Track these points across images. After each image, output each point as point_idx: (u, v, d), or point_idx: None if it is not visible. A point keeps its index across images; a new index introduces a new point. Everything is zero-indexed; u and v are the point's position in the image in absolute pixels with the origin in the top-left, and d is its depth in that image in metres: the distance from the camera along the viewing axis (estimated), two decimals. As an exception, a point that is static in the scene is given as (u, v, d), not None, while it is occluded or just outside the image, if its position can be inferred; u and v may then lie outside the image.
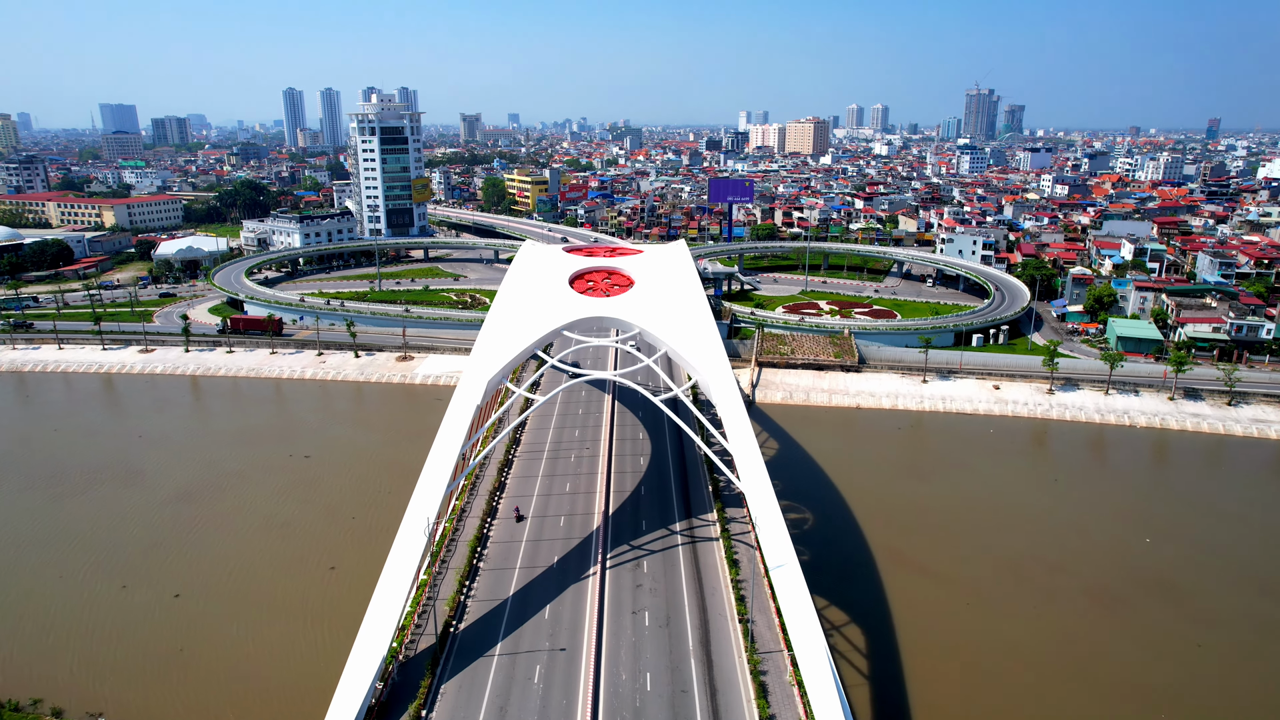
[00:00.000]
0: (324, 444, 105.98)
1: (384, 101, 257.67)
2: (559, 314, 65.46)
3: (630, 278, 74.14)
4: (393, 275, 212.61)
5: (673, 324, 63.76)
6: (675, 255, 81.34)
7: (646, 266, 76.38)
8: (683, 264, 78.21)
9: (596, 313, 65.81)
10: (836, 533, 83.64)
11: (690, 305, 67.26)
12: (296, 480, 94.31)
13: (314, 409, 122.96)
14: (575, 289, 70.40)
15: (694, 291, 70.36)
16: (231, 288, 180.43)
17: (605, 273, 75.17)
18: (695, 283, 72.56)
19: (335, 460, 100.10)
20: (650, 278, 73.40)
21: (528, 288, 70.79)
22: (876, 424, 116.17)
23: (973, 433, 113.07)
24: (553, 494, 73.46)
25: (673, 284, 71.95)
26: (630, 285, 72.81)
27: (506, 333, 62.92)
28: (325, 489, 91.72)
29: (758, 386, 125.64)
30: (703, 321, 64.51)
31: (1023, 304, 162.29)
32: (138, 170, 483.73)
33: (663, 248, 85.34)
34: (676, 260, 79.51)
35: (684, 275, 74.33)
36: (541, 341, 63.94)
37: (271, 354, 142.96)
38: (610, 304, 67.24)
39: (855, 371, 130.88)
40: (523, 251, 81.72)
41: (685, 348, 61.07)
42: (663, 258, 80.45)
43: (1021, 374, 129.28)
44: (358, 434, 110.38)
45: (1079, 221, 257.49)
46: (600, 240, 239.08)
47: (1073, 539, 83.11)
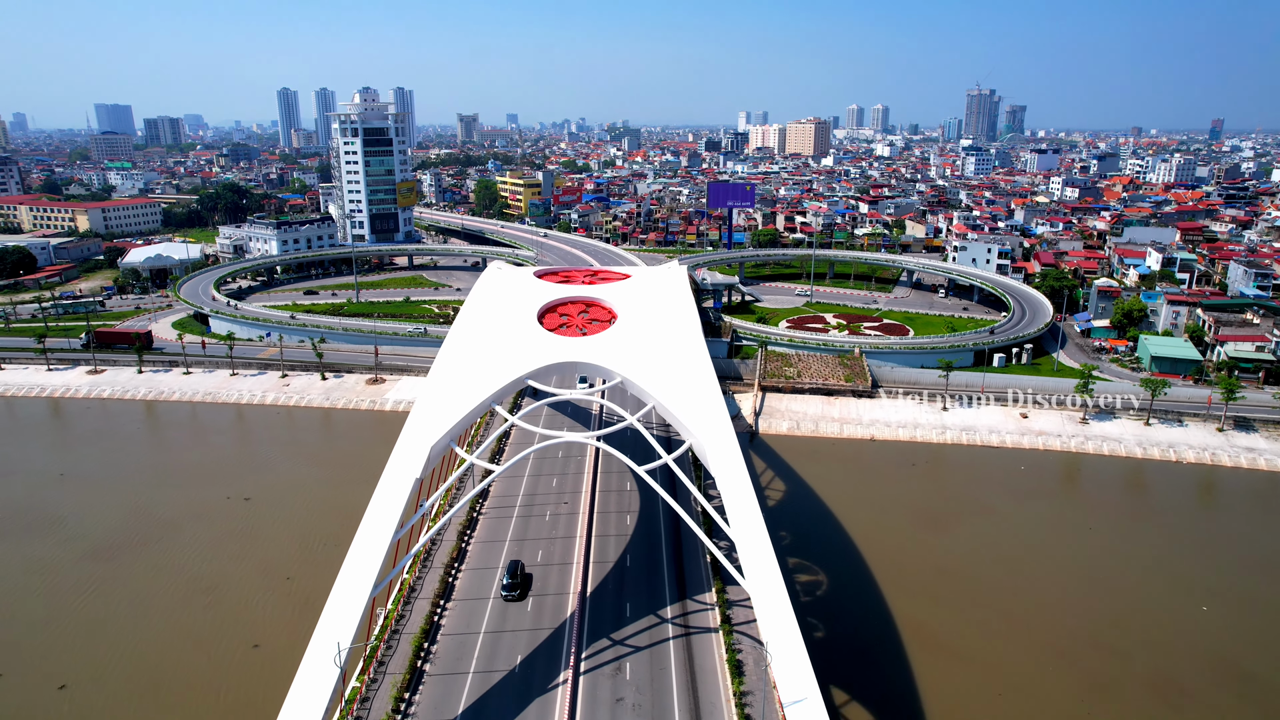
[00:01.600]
0: (270, 483, 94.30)
1: (367, 101, 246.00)
2: (523, 359, 53.73)
3: (612, 310, 62.44)
4: (373, 285, 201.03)
5: (662, 372, 52.13)
6: (668, 281, 68.98)
7: (633, 295, 64.46)
8: (677, 292, 66.26)
9: (568, 356, 54.18)
10: (851, 599, 72.44)
11: (685, 347, 55.44)
12: (232, 529, 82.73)
13: (268, 440, 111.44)
14: (545, 325, 58.71)
15: (689, 329, 58.47)
16: (198, 299, 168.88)
17: (582, 304, 63.48)
18: (691, 317, 60.63)
19: (280, 503, 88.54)
20: (637, 310, 61.73)
21: (487, 325, 58.74)
22: (892, 458, 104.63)
23: (998, 469, 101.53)
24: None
25: (664, 318, 60.08)
26: (611, 320, 61.01)
27: (457, 384, 51.28)
28: (263, 540, 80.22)
29: (761, 415, 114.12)
30: (699, 369, 52.84)
31: (1045, 319, 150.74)
32: (123, 172, 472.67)
33: (653, 272, 73.48)
34: (669, 287, 67.35)
35: (678, 307, 62.43)
36: (502, 394, 52.39)
37: (231, 376, 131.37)
38: (586, 345, 55.50)
39: (869, 397, 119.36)
40: (485, 278, 69.44)
41: (677, 404, 49.58)
42: (653, 284, 68.27)
43: (1051, 399, 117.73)
44: (310, 471, 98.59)
45: (1094, 227, 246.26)
46: (590, 245, 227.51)
47: (1117, 606, 71.75)
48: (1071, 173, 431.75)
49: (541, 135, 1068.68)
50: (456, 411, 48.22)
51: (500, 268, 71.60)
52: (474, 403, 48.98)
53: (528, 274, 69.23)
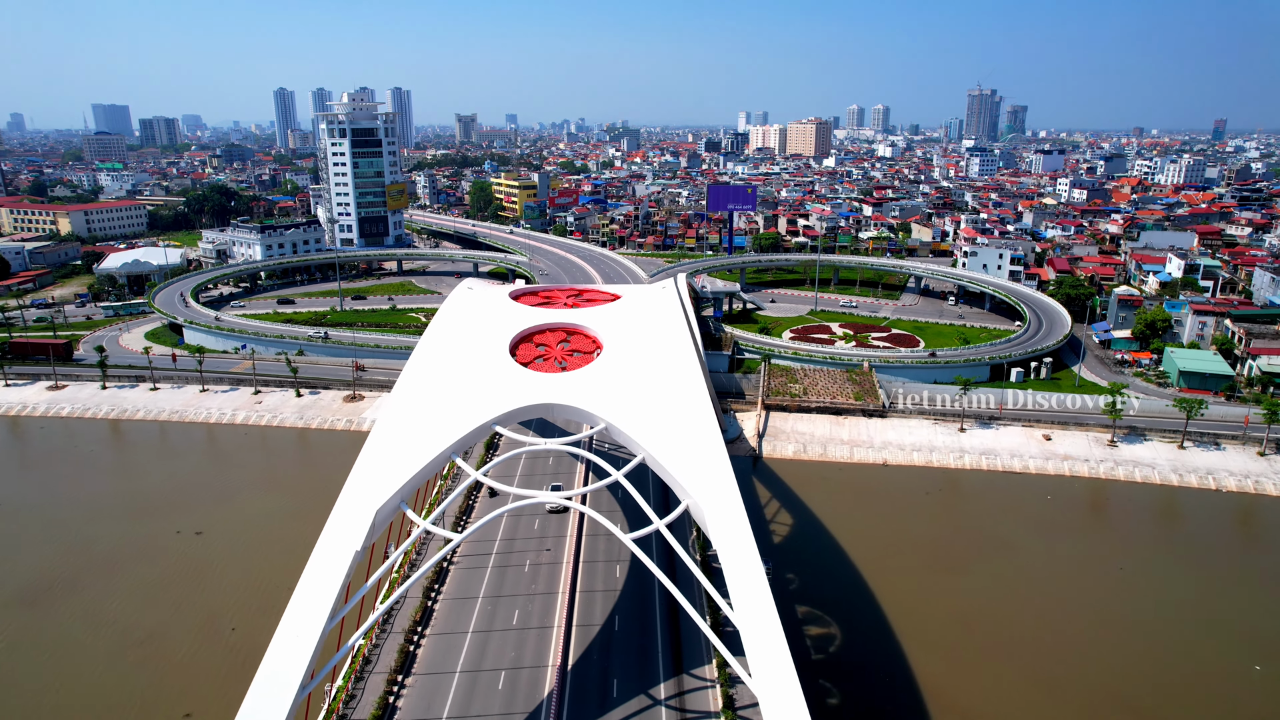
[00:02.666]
0: (228, 514, 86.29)
1: (357, 101, 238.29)
2: (491, 400, 45.29)
3: (597, 339, 54.42)
4: (360, 292, 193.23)
5: (654, 416, 43.92)
6: (661, 303, 59.70)
7: (621, 321, 55.74)
8: (670, 317, 57.54)
9: (544, 397, 46.20)
10: (865, 654, 64.95)
11: (680, 386, 46.92)
12: (178, 570, 74.84)
13: (233, 464, 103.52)
14: (519, 358, 50.61)
15: (686, 363, 50.08)
16: (173, 308, 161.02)
17: (562, 332, 55.34)
18: (688, 349, 52.18)
19: (235, 539, 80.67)
20: (626, 339, 53.69)
21: (449, 358, 50.40)
22: (907, 485, 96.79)
23: (1021, 498, 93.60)
24: (494, 629, 54.02)
25: (657, 349, 51.52)
26: (596, 351, 52.45)
27: (410, 433, 43.29)
28: (210, 583, 72.36)
29: (765, 436, 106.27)
30: (698, 414, 44.68)
31: (1064, 330, 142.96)
32: (114, 173, 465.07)
33: (645, 292, 65.10)
34: (662, 311, 58.36)
35: (672, 336, 53.57)
36: (464, 444, 44.48)
37: (201, 392, 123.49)
38: (565, 384, 47.11)
39: (880, 417, 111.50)
40: (452, 300, 60.58)
41: (671, 457, 41.55)
42: (644, 307, 59.04)
43: (1075, 419, 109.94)
44: (274, 500, 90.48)
45: (1106, 230, 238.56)
46: (585, 250, 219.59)
47: (1157, 663, 64.07)
48: (1078, 174, 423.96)
49: (540, 136, 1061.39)
50: (408, 468, 40.34)
51: (471, 287, 63.30)
52: (429, 456, 41.11)
53: (502, 295, 60.90)
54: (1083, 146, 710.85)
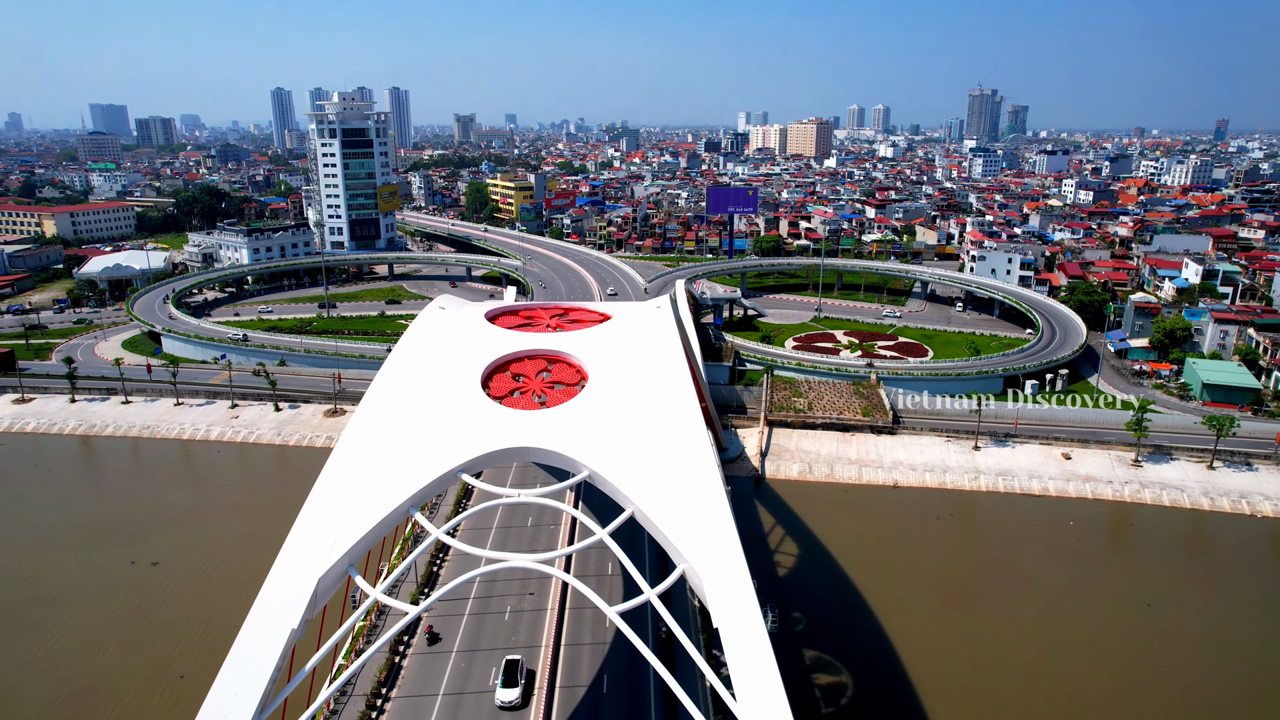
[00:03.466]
0: (188, 541, 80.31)
1: (346, 100, 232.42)
2: (457, 444, 39.38)
3: (582, 369, 48.35)
4: (348, 297, 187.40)
5: (645, 463, 37.85)
6: (655, 325, 54.41)
7: (610, 346, 50.38)
8: (665, 340, 50.74)
9: (519, 439, 39.85)
10: (879, 705, 59.16)
11: (676, 425, 40.99)
12: (128, 605, 68.95)
13: (202, 484, 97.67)
14: (492, 392, 44.52)
15: (682, 397, 43.59)
16: (153, 315, 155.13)
17: (543, 361, 49.22)
18: (684, 378, 45.53)
19: (193, 570, 74.77)
20: (614, 368, 47.40)
21: (413, 392, 43.77)
22: (919, 509, 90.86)
23: (1040, 523, 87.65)
24: (467, 692, 48.09)
25: (650, 380, 45.42)
26: (581, 383, 46.78)
27: (362, 483, 37.26)
28: (161, 622, 66.47)
29: (768, 455, 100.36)
30: (696, 460, 38.50)
31: (1078, 339, 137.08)
32: (106, 173, 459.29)
33: (638, 310, 58.53)
34: (657, 333, 52.93)
35: (667, 364, 47.74)
36: (424, 496, 38.48)
37: (176, 406, 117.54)
38: (544, 423, 40.82)
39: (889, 433, 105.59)
40: (421, 321, 53.85)
41: (665, 513, 35.63)
42: (636, 329, 54.14)
43: (1096, 436, 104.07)
44: (240, 526, 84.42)
45: (1115, 233, 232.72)
46: (581, 254, 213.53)
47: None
48: (1083, 174, 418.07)
49: (540, 136, 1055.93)
50: (356, 527, 34.43)
51: (442, 307, 56.84)
52: (382, 512, 35.16)
53: (477, 316, 54.46)
54: (1084, 147, 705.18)
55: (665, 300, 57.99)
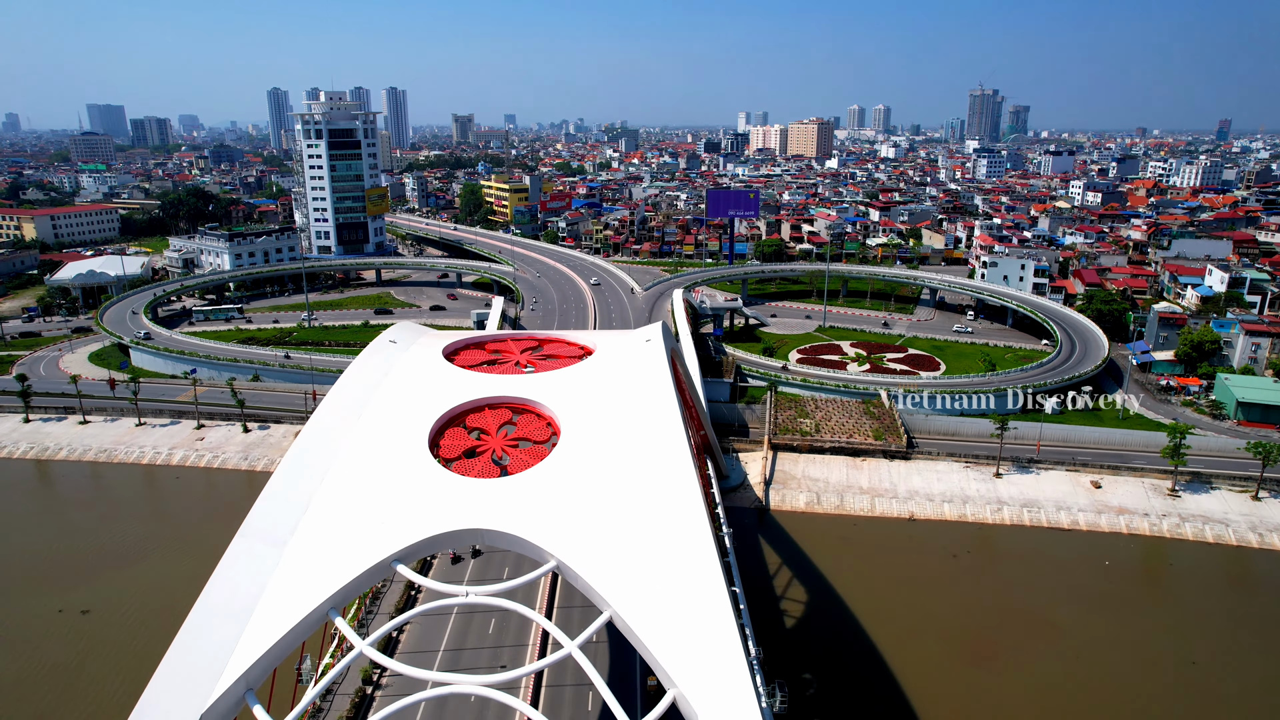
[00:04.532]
0: (127, 584, 72.59)
1: (333, 100, 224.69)
2: (392, 528, 31.68)
3: (553, 421, 39.96)
4: (332, 305, 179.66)
5: (628, 552, 30.35)
6: (645, 363, 45.49)
7: (589, 390, 42.27)
8: (655, 382, 43.05)
9: (470, 520, 31.72)
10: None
11: (668, 500, 33.31)
12: (46, 664, 61.31)
13: (153, 516, 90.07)
14: (442, 452, 36.52)
15: (675, 458, 35.53)
16: (124, 325, 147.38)
17: (507, 410, 41.17)
18: (677, 432, 37.24)
19: (126, 618, 67.10)
20: (594, 420, 39.22)
21: (344, 454, 35.87)
22: (936, 544, 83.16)
23: (1069, 563, 79.95)
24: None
25: (636, 436, 36.74)
26: (551, 440, 38.51)
27: (270, 580, 29.64)
28: (82, 684, 58.89)
29: (772, 483, 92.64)
30: (692, 546, 30.96)
31: (1100, 352, 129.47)
32: (96, 174, 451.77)
33: (626, 343, 49.94)
34: (646, 373, 44.01)
35: (657, 414, 39.53)
36: (347, 596, 30.76)
37: (137, 426, 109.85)
38: (503, 496, 33.01)
39: (903, 459, 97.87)
40: (363, 360, 45.49)
41: (650, 620, 28.06)
42: (622, 367, 45.43)
43: (1126, 461, 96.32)
44: (187, 564, 75.33)
45: (1129, 236, 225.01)
46: (573, 259, 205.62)
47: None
48: (1089, 175, 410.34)
49: (539, 136, 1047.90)
50: (255, 644, 26.85)
51: (394, 340, 48.65)
52: (288, 621, 27.58)
53: (434, 350, 46.44)
54: (1087, 147, 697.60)
55: (656, 330, 49.79)
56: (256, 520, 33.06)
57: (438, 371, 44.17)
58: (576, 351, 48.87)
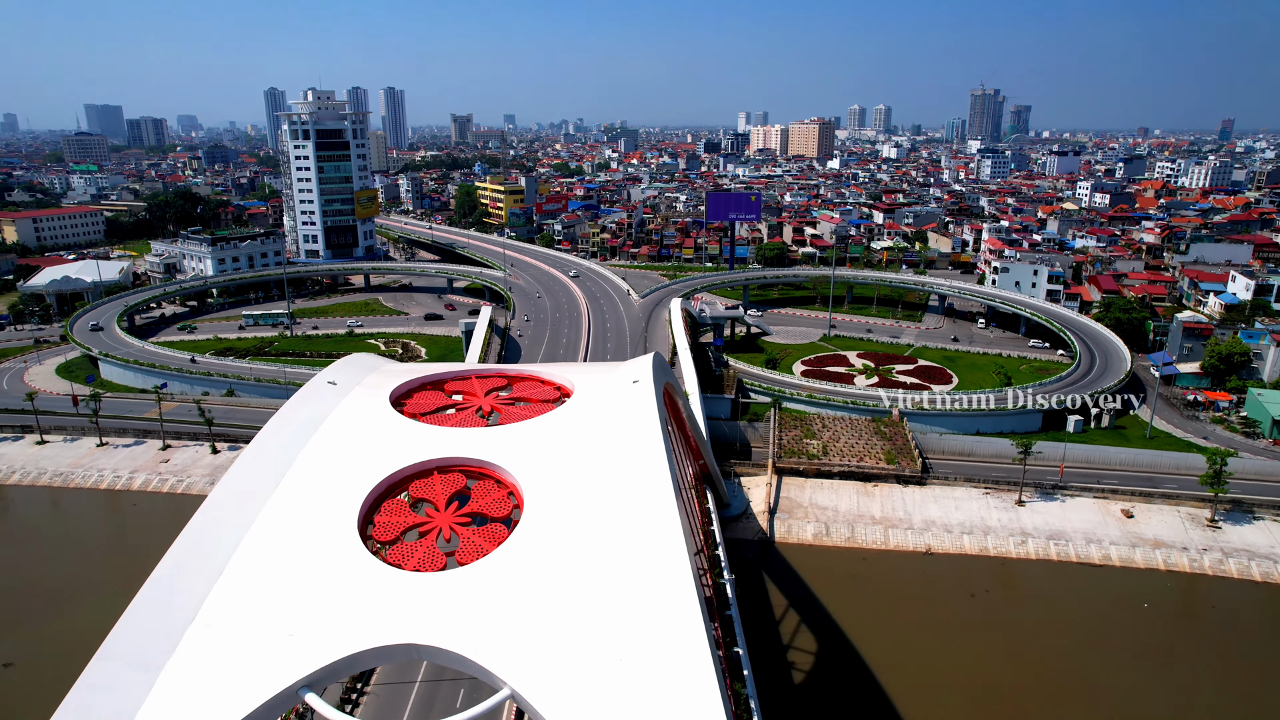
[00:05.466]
0: (60, 631, 65.41)
1: (320, 99, 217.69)
2: (303, 641, 25.14)
3: (516, 489, 32.70)
4: (318, 312, 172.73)
5: (602, 678, 23.69)
6: (630, 410, 37.92)
7: (563, 445, 35.25)
8: (641, 438, 35.44)
9: (403, 634, 24.64)
10: None
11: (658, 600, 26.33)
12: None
13: (106, 549, 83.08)
14: (376, 533, 29.28)
15: (666, 541, 28.87)
16: (95, 335, 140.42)
17: (461, 475, 33.96)
18: (666, 502, 30.55)
19: (54, 671, 59.29)
20: (565, 487, 32.46)
21: (251, 537, 29.29)
22: (955, 582, 76.34)
23: (1102, 604, 73.12)
24: None
25: (616, 509, 29.92)
26: (512, 515, 31.17)
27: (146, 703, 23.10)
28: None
29: (777, 512, 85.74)
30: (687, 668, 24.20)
31: (1123, 364, 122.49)
32: (88, 175, 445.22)
33: (610, 384, 42.18)
34: (632, 423, 36.70)
35: (644, 475, 32.23)
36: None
37: (99, 447, 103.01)
38: (445, 596, 26.32)
39: (918, 484, 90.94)
40: (292, 408, 38.18)
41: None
42: (603, 415, 38.19)
43: (1157, 485, 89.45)
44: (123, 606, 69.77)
45: (1141, 240, 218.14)
46: (568, 264, 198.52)
47: None
48: (1096, 176, 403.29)
49: (538, 136, 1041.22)
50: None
51: (333, 380, 41.32)
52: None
53: (381, 396, 39.11)
54: (1089, 147, 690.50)
55: (646, 367, 42.09)
56: (123, 635, 26.21)
57: (381, 423, 36.89)
58: (551, 393, 41.65)
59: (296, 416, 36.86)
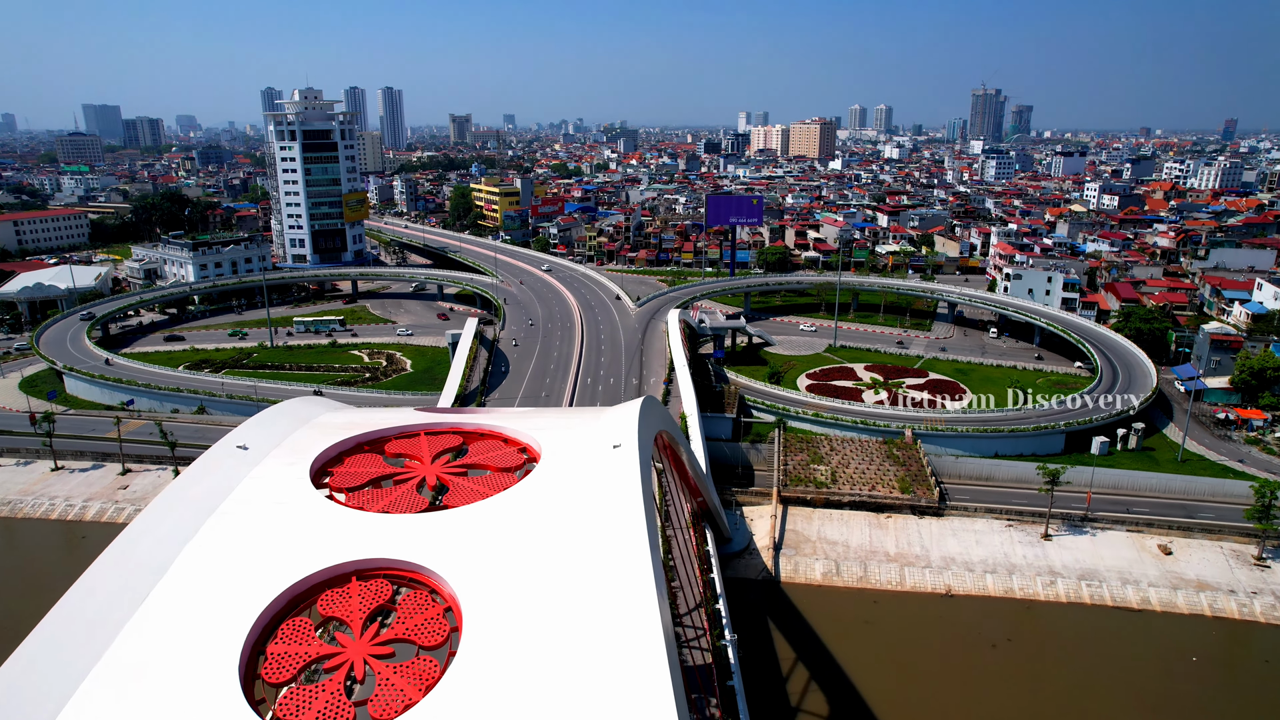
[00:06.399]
0: None
1: (308, 99, 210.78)
2: None
3: (455, 604, 24.99)
4: (301, 321, 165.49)
5: None
6: (607, 485, 30.50)
7: (516, 544, 27.92)
8: (621, 522, 28.10)
9: None
10: None
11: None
12: None
13: (44, 589, 74.95)
14: (267, 673, 21.84)
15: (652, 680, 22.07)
16: (63, 348, 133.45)
17: (385, 583, 24.69)
18: (650, 620, 22.97)
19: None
20: (515, 607, 24.90)
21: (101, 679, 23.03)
22: (978, 628, 69.41)
23: (1143, 656, 66.24)
24: None
25: (583, 641, 22.34)
26: (448, 642, 23.57)
27: None
28: None
29: (783, 547, 78.76)
30: None
31: (1148, 380, 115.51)
32: (79, 176, 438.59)
33: (585, 450, 32.72)
34: (608, 504, 29.35)
35: (621, 582, 24.98)
36: None
37: (54, 471, 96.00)
38: None
39: (935, 514, 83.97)
40: (187, 481, 30.69)
41: None
42: (574, 492, 30.80)
43: (1192, 516, 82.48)
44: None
45: (1155, 244, 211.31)
46: (562, 269, 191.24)
47: None
48: (1102, 177, 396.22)
49: (537, 136, 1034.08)
50: None
51: (243, 444, 34.01)
52: None
53: (301, 465, 31.75)
54: (1092, 147, 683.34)
55: (630, 425, 33.85)
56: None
57: (294, 506, 29.26)
58: (514, 457, 34.05)
59: (185, 498, 29.38)
